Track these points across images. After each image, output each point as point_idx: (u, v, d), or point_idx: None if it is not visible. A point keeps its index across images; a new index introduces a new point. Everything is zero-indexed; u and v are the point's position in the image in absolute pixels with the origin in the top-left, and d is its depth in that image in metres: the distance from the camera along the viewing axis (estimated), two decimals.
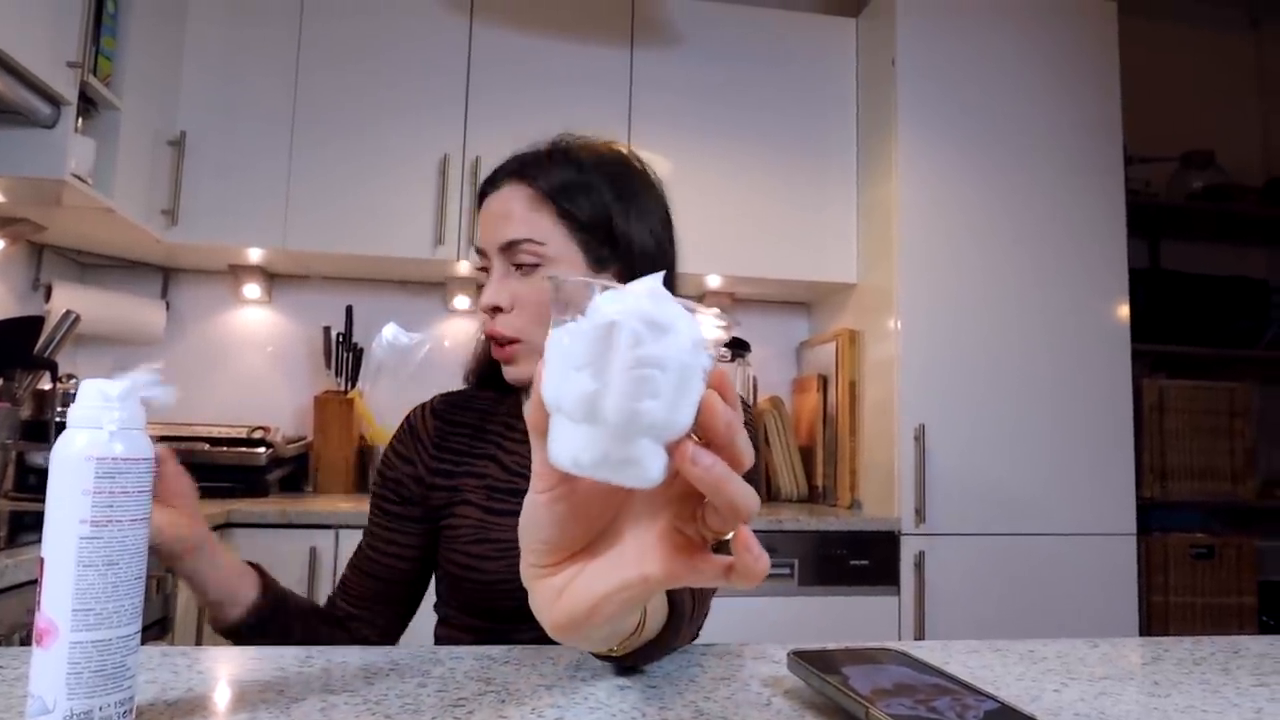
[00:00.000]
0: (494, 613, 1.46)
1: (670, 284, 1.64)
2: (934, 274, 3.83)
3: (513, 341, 1.48)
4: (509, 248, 1.46)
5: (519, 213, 1.47)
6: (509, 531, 1.42)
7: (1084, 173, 4.00)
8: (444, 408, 1.66)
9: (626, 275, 1.55)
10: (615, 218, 1.50)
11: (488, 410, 1.65)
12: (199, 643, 3.03)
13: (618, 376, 0.64)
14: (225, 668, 1.12)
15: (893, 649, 1.11)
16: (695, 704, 0.99)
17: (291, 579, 1.56)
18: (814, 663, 1.02)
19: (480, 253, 1.51)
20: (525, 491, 1.46)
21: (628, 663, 1.10)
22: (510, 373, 1.50)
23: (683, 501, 0.68)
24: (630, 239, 1.51)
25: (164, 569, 2.76)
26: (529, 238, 1.45)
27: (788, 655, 1.06)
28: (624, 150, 1.60)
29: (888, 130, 3.98)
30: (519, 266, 1.47)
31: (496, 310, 1.47)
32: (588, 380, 0.64)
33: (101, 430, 0.92)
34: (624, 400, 0.64)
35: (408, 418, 1.66)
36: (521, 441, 1.60)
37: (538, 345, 1.48)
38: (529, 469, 1.54)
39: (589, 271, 1.48)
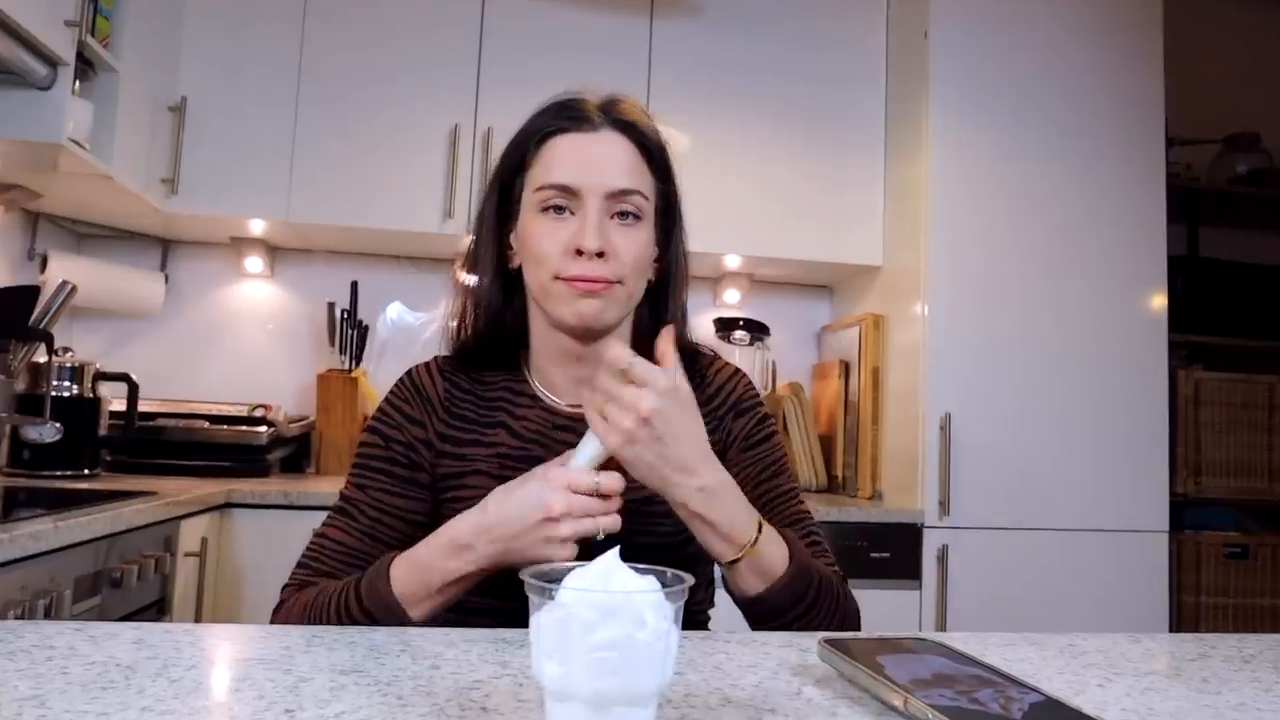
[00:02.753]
0: (508, 588, 1.43)
1: (680, 294, 1.65)
2: (964, 257, 3.80)
3: (614, 283, 1.49)
4: (619, 195, 1.49)
5: (628, 163, 1.52)
6: None
7: (1123, 154, 3.96)
8: (449, 370, 1.65)
9: (661, 271, 1.62)
10: (677, 201, 1.62)
11: (483, 378, 1.65)
12: (198, 621, 3.03)
13: (578, 661, 0.78)
14: (229, 645, 1.12)
15: (929, 639, 1.10)
16: (722, 691, 0.98)
17: (291, 563, 1.52)
18: (847, 651, 1.01)
19: (564, 190, 1.49)
20: (539, 459, 1.48)
21: (747, 590, 1.38)
22: (590, 308, 1.48)
23: None
24: (681, 230, 1.64)
25: (165, 550, 2.77)
26: (640, 191, 1.51)
27: (819, 643, 1.05)
28: None
29: (919, 105, 3.95)
30: (617, 215, 1.50)
31: (596, 255, 1.47)
32: (555, 666, 0.79)
33: None
34: (587, 680, 0.78)
35: (411, 378, 1.64)
36: (530, 406, 1.60)
37: (636, 290, 1.55)
38: (543, 434, 1.57)
39: (654, 250, 1.58)
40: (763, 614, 1.41)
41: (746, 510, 1.38)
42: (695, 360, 1.70)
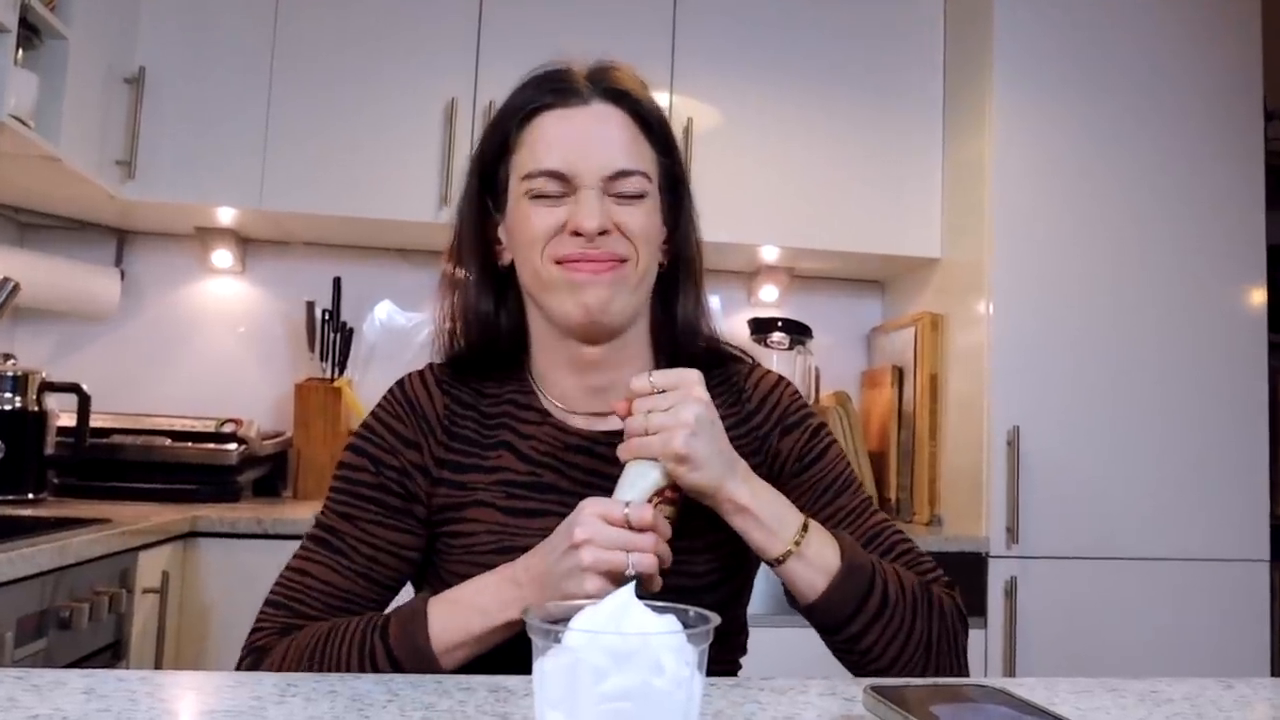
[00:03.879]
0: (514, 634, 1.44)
1: (697, 281, 1.65)
2: (1033, 247, 3.79)
3: (623, 260, 1.49)
4: (618, 177, 1.49)
5: (624, 139, 1.53)
6: (535, 537, 1.40)
7: (1215, 131, 3.94)
8: (448, 382, 1.63)
9: (672, 253, 1.62)
10: (684, 175, 1.64)
11: (485, 390, 1.64)
12: (158, 667, 3.04)
13: (587, 713, 0.76)
14: (193, 695, 1.12)
15: (989, 685, 1.10)
16: None
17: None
18: (897, 700, 1.01)
19: (555, 176, 1.49)
20: (548, 486, 1.48)
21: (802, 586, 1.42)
22: (596, 297, 1.48)
23: None
24: (691, 207, 1.65)
25: (121, 586, 2.77)
26: (641, 170, 1.52)
27: (864, 691, 1.05)
28: None
29: (981, 77, 3.93)
30: (618, 197, 1.50)
31: (597, 235, 1.47)
32: (561, 718, 0.77)
33: None
34: None
35: (404, 390, 1.62)
36: (538, 423, 1.59)
37: (647, 271, 1.55)
38: (550, 456, 1.56)
39: (664, 231, 1.59)
40: (826, 623, 1.43)
41: (785, 503, 1.45)
42: (728, 369, 1.70)
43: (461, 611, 1.35)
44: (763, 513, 1.41)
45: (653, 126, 1.56)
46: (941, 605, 1.49)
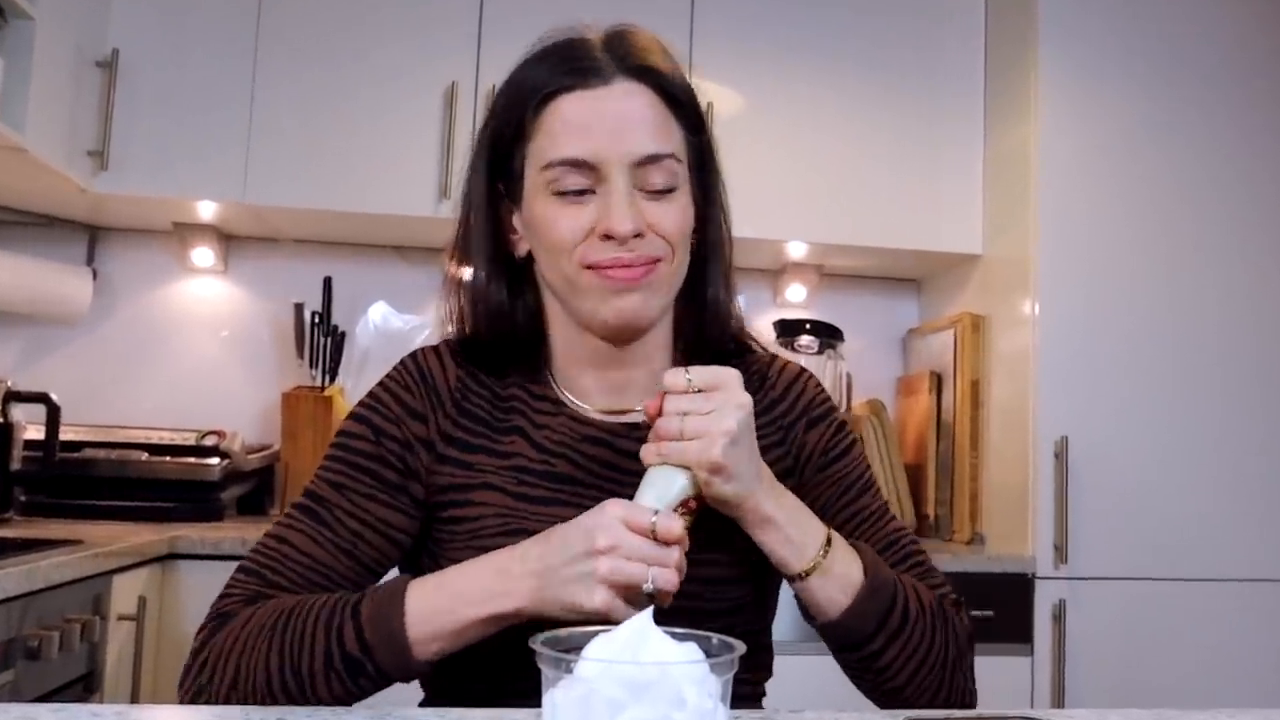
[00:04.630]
0: (519, 635, 1.41)
1: (726, 267, 1.64)
2: (1083, 242, 3.78)
3: (657, 260, 1.48)
4: (647, 163, 1.47)
5: (653, 120, 1.50)
6: (544, 523, 1.39)
7: None
8: (463, 359, 1.63)
9: (699, 237, 1.59)
10: (713, 153, 1.63)
11: (499, 373, 1.63)
12: (135, 701, 3.04)
13: None
14: None
15: (1034, 718, 1.10)
16: None
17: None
18: None
19: (579, 165, 1.47)
20: (562, 475, 1.50)
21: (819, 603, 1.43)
22: (630, 304, 1.48)
23: None
24: (720, 186, 1.64)
25: (94, 613, 2.78)
26: (672, 153, 1.50)
27: None
28: None
29: (1026, 57, 3.92)
30: (646, 188, 1.48)
31: (630, 238, 1.46)
32: None
33: None
34: None
35: (415, 361, 1.63)
36: (552, 414, 1.59)
37: (680, 267, 1.54)
38: (568, 446, 1.56)
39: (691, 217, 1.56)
40: (845, 641, 1.44)
41: (809, 514, 1.46)
42: (748, 360, 1.70)
43: (443, 597, 1.33)
44: (788, 526, 1.41)
45: (681, 102, 1.54)
46: (955, 623, 1.51)
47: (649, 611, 0.84)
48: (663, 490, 1.34)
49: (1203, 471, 3.74)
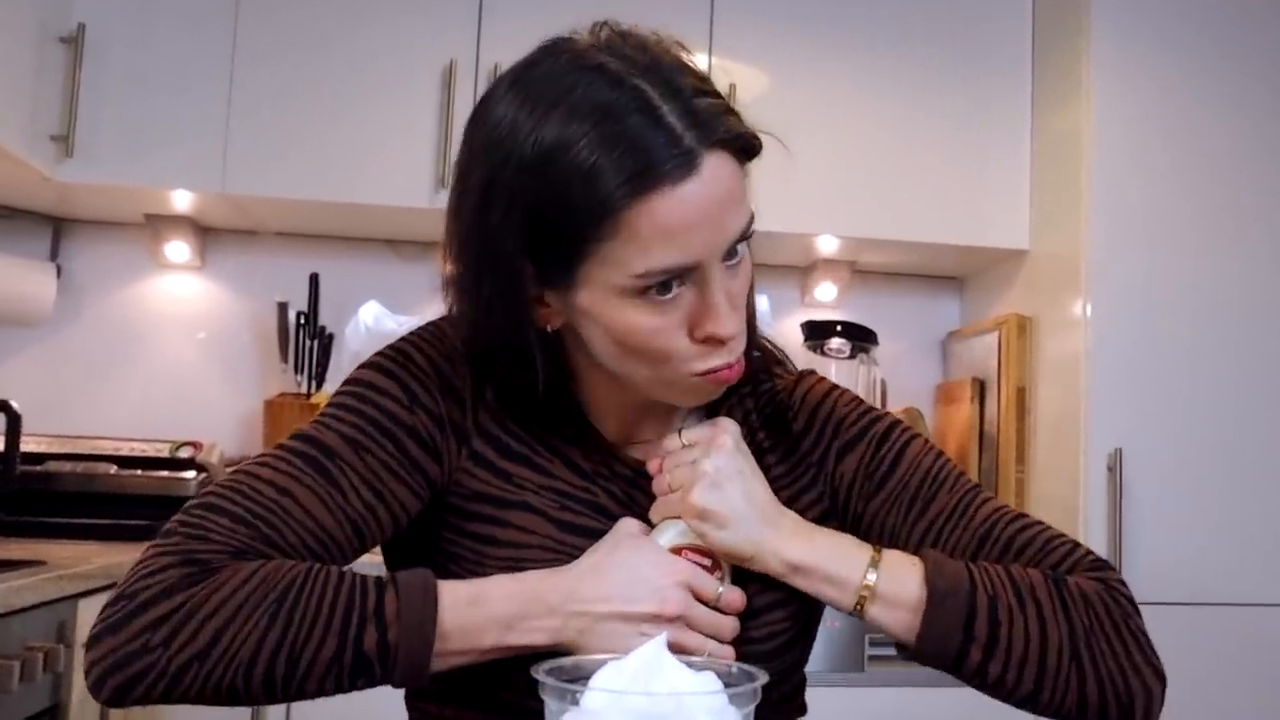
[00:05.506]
0: (517, 682, 1.33)
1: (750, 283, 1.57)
2: (1140, 236, 3.77)
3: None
4: (737, 240, 1.38)
5: (739, 193, 1.38)
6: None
7: None
8: (479, 359, 1.51)
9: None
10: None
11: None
12: None
13: None
14: None
15: None
16: None
17: None
18: None
19: (678, 274, 1.34)
20: (602, 507, 1.50)
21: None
22: (719, 391, 1.49)
23: None
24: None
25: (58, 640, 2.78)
26: (751, 216, 1.41)
27: None
28: None
29: (1077, 35, 3.91)
30: (727, 264, 1.39)
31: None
32: None
33: None
34: None
35: (408, 354, 1.51)
36: (578, 439, 1.54)
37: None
38: (601, 476, 1.54)
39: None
40: (941, 661, 1.39)
41: (849, 543, 1.46)
42: (761, 392, 1.66)
43: (478, 616, 1.30)
44: (827, 564, 1.41)
45: (747, 155, 1.41)
46: (1081, 592, 1.40)
47: (662, 638, 0.83)
48: (671, 535, 1.39)
49: (1270, 488, 3.73)
